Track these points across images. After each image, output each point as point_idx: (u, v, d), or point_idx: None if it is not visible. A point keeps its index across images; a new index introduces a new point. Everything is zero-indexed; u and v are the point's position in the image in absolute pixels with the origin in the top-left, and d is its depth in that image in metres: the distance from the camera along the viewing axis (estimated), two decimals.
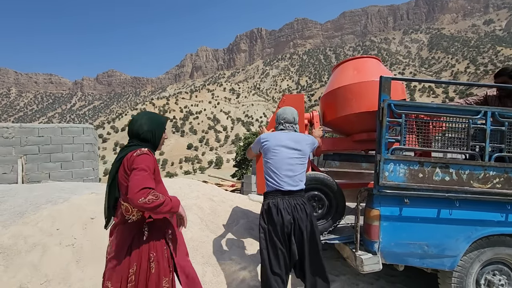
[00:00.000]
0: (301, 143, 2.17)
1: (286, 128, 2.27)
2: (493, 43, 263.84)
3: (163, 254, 1.50)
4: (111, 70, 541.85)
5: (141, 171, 1.39)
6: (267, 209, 2.04)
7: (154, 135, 1.60)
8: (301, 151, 2.15)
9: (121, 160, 1.49)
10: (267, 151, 2.15)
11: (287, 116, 2.29)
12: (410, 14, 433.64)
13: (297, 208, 2.00)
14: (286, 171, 2.06)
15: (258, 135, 2.44)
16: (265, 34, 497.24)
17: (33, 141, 6.13)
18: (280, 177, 2.04)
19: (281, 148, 2.11)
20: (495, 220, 2.32)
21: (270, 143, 2.15)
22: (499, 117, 2.30)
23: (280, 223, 1.97)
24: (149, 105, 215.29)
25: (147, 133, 1.57)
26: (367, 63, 3.09)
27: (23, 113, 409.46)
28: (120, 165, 1.48)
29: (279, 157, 2.09)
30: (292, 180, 2.05)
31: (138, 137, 1.57)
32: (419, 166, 2.30)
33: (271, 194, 2.07)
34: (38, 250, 2.54)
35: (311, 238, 2.02)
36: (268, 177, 2.11)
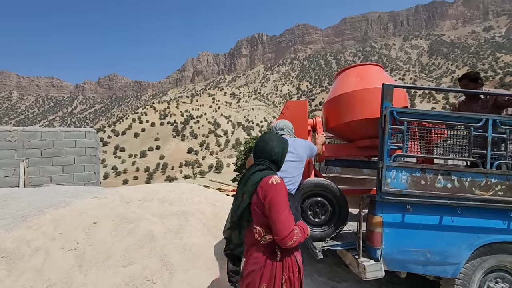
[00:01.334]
0: (298, 148, 2.24)
1: (287, 133, 2.36)
2: (493, 49, 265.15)
3: (295, 275, 1.53)
4: (113, 74, 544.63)
5: (284, 208, 1.43)
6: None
7: (282, 158, 1.63)
8: (297, 155, 2.21)
9: (257, 184, 1.49)
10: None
11: (288, 124, 2.41)
12: (410, 21, 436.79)
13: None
14: (280, 172, 2.10)
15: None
16: (266, 39, 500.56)
17: (36, 145, 6.15)
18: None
19: None
20: (497, 228, 2.32)
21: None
22: (500, 125, 2.32)
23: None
24: (150, 109, 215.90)
25: (278, 155, 1.60)
26: (370, 70, 3.12)
27: (24, 116, 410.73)
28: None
29: None
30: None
31: (270, 158, 1.59)
32: (421, 173, 2.31)
33: None
34: (41, 254, 2.54)
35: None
36: None
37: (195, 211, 3.57)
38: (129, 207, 3.41)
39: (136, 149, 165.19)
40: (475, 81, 3.02)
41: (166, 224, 3.17)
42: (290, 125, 2.45)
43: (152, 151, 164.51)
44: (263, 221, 1.47)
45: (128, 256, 2.68)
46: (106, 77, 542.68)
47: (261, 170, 1.53)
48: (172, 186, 4.49)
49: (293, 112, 3.07)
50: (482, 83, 3.04)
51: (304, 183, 2.70)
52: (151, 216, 3.23)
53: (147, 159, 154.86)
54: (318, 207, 2.72)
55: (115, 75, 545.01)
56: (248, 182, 1.52)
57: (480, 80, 3.03)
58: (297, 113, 3.05)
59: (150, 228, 3.01)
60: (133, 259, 2.66)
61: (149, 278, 2.51)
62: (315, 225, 2.72)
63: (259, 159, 1.60)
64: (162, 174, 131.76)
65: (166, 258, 2.70)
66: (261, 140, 1.63)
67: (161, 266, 2.64)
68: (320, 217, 2.72)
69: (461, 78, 3.13)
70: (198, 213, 3.57)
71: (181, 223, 3.24)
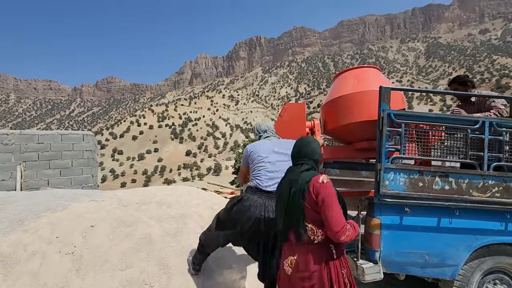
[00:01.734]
0: (287, 147, 2.26)
1: (268, 137, 2.39)
2: (489, 52, 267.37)
3: (350, 270, 1.68)
4: (111, 77, 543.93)
5: (336, 205, 1.57)
6: (239, 200, 2.20)
7: (321, 158, 1.81)
8: (287, 155, 2.22)
9: (308, 183, 1.60)
10: (253, 156, 2.27)
11: (270, 126, 2.45)
12: (407, 23, 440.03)
13: (268, 208, 2.10)
14: (270, 172, 2.18)
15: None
16: (264, 42, 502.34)
17: (33, 148, 6.12)
18: (263, 177, 2.17)
19: (266, 152, 2.24)
20: (495, 229, 2.33)
21: (256, 149, 2.29)
22: (497, 127, 2.34)
23: (245, 217, 2.12)
24: (148, 111, 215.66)
25: (319, 155, 1.75)
26: (368, 73, 3.14)
27: (21, 119, 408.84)
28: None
29: (266, 160, 2.21)
30: (273, 181, 2.16)
31: (312, 158, 1.72)
32: (419, 175, 2.32)
33: (250, 189, 2.21)
34: (37, 258, 2.52)
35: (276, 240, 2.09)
36: (253, 176, 2.24)
37: (193, 214, 3.55)
38: (126, 210, 3.39)
39: (134, 151, 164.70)
40: (464, 85, 3.03)
41: (164, 227, 3.15)
42: (272, 127, 2.48)
43: (150, 153, 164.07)
44: (315, 217, 1.58)
45: (125, 259, 2.66)
46: (104, 79, 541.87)
47: (307, 170, 1.67)
48: (170, 189, 4.47)
49: (291, 115, 3.08)
50: (472, 85, 3.04)
51: None
52: (148, 219, 3.21)
53: (145, 161, 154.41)
54: None
55: (113, 77, 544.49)
56: (297, 182, 1.63)
57: (470, 83, 3.03)
58: (295, 116, 3.06)
59: (148, 231, 2.99)
60: (130, 262, 2.64)
61: (146, 282, 2.49)
62: None
63: (302, 159, 1.72)
64: (160, 177, 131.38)
65: (164, 262, 2.69)
66: (303, 142, 1.77)
67: (159, 269, 2.62)
68: None
69: (450, 83, 3.16)
70: (196, 216, 3.56)
71: (179, 226, 3.23)
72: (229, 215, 2.25)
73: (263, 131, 2.44)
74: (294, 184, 1.64)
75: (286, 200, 1.66)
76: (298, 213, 1.61)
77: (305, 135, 1.84)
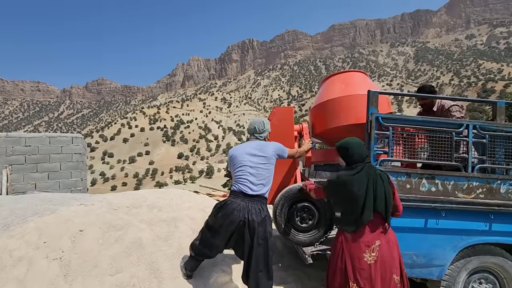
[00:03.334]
0: (265, 149, 2.33)
1: (250, 138, 2.47)
2: (475, 56, 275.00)
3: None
4: (101, 79, 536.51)
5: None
6: (223, 204, 2.26)
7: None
8: (266, 157, 2.30)
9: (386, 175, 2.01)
10: (234, 161, 2.33)
11: (250, 127, 2.50)
12: (397, 28, 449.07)
13: (252, 211, 2.15)
14: (251, 176, 2.23)
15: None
16: (256, 45, 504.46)
17: (20, 151, 5.98)
18: (244, 181, 2.22)
19: (245, 156, 2.29)
20: (480, 230, 2.40)
21: (235, 153, 2.36)
22: (480, 130, 2.42)
23: (228, 220, 2.18)
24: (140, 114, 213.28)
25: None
26: (354, 77, 3.20)
27: (8, 121, 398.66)
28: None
29: (245, 164, 2.27)
30: (254, 185, 2.22)
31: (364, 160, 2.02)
32: (407, 177, 2.38)
33: (234, 193, 2.26)
34: (24, 264, 2.46)
35: (262, 243, 2.15)
36: (235, 181, 2.29)
37: (184, 217, 3.53)
38: (116, 214, 3.35)
39: (125, 154, 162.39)
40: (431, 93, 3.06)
41: (155, 230, 3.13)
42: (262, 127, 2.47)
43: (141, 156, 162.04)
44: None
45: (115, 264, 2.62)
46: (94, 81, 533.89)
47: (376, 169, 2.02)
48: (161, 192, 4.43)
49: (280, 119, 3.11)
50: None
51: (289, 189, 2.72)
52: (139, 223, 3.18)
53: (136, 164, 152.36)
54: (304, 213, 2.74)
55: (104, 79, 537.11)
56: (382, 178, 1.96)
57: (435, 92, 3.09)
58: (284, 120, 3.09)
59: (139, 235, 2.96)
60: (120, 267, 2.60)
61: (137, 287, 2.47)
62: (303, 231, 2.73)
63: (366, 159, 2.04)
64: (152, 180, 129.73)
65: (154, 266, 2.66)
66: (359, 144, 2.06)
67: (150, 273, 2.60)
68: (307, 222, 2.73)
69: (419, 91, 3.16)
70: (188, 219, 3.54)
71: (170, 229, 3.20)
72: (216, 218, 2.29)
73: (248, 131, 2.51)
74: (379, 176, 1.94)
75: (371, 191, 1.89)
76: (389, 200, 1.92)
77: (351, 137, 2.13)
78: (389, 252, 1.87)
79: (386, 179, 1.97)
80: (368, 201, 1.88)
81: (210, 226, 2.37)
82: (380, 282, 1.81)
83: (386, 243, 1.88)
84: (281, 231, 2.73)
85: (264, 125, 2.48)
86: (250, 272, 2.15)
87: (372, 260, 1.82)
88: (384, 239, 1.88)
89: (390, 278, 1.83)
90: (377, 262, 1.83)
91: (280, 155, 2.42)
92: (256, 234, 2.14)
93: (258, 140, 2.44)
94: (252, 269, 2.14)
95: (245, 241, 2.16)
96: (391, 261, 1.86)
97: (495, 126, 2.46)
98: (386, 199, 1.90)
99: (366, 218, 1.86)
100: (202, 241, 2.43)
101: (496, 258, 2.43)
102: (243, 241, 2.20)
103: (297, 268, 3.25)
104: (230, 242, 2.33)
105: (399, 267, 1.90)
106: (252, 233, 2.14)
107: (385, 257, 1.84)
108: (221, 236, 2.29)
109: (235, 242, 2.32)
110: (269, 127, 2.53)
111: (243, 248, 2.21)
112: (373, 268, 1.82)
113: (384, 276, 1.82)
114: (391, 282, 1.83)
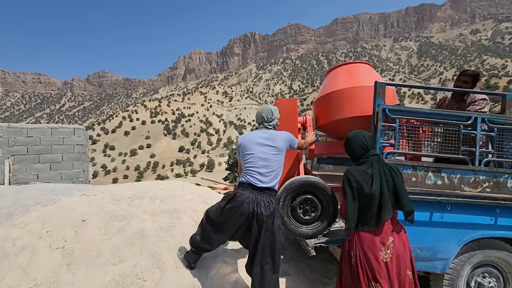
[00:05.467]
0: (275, 139, 2.26)
1: (259, 127, 2.40)
2: (479, 52, 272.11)
3: None
4: (102, 71, 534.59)
5: None
6: (233, 196, 2.20)
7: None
8: (276, 147, 2.24)
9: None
10: (244, 150, 2.27)
11: (258, 117, 2.43)
12: (400, 22, 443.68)
13: (261, 204, 2.11)
14: (261, 168, 2.17)
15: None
16: (258, 38, 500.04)
17: (22, 142, 5.97)
18: (254, 173, 2.16)
19: (254, 146, 2.23)
20: (485, 224, 2.38)
21: (245, 142, 2.30)
22: (489, 123, 2.38)
23: (238, 212, 2.14)
24: (141, 107, 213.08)
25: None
26: (359, 69, 3.14)
27: (9, 113, 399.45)
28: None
29: (254, 155, 2.20)
30: (264, 177, 2.16)
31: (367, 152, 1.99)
32: (412, 170, 2.34)
33: (242, 185, 2.21)
34: (27, 253, 2.47)
35: (269, 235, 2.11)
36: (244, 172, 2.24)
37: (187, 209, 3.52)
38: (119, 204, 3.35)
39: (127, 147, 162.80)
40: (474, 82, 2.93)
41: (157, 221, 3.12)
42: (271, 115, 2.40)
43: (142, 149, 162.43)
44: None
45: (118, 254, 2.62)
46: (96, 74, 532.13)
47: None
48: (164, 184, 4.43)
49: (283, 110, 3.07)
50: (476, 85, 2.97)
51: (292, 182, 2.69)
52: (141, 214, 3.18)
53: (138, 157, 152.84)
54: (307, 205, 2.72)
55: (105, 72, 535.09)
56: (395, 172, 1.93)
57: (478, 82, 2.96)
58: (287, 111, 3.05)
59: (141, 226, 2.95)
60: (123, 257, 2.61)
61: (139, 276, 2.47)
62: (306, 223, 2.72)
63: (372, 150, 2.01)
64: (153, 173, 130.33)
65: (157, 256, 2.66)
66: (359, 135, 2.03)
67: (152, 264, 2.60)
68: (310, 214, 2.72)
69: (464, 74, 2.96)
70: (190, 210, 3.53)
71: (173, 220, 3.20)
72: (222, 212, 2.23)
73: (257, 121, 2.44)
74: (392, 170, 1.90)
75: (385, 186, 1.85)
76: (405, 193, 1.90)
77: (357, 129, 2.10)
78: (402, 247, 1.85)
79: (398, 173, 1.93)
80: (385, 198, 1.82)
81: (213, 220, 2.32)
82: (397, 279, 1.78)
83: (399, 238, 1.86)
84: (284, 223, 2.72)
85: (273, 113, 2.39)
86: (255, 263, 2.13)
87: (388, 258, 1.80)
88: (396, 235, 1.86)
89: (405, 274, 1.80)
90: (393, 259, 1.80)
91: (291, 145, 2.36)
92: (264, 227, 2.10)
93: (267, 129, 2.36)
94: (257, 260, 2.12)
95: (252, 232, 2.14)
96: (405, 257, 1.84)
97: (503, 119, 2.42)
98: (401, 194, 1.87)
99: (386, 216, 1.82)
100: (203, 236, 2.40)
101: (500, 253, 2.41)
102: (250, 232, 2.17)
103: (300, 260, 3.25)
104: (236, 234, 2.31)
105: (410, 262, 1.88)
106: (260, 226, 2.10)
107: (399, 253, 1.82)
108: (226, 230, 2.26)
109: (242, 234, 2.29)
110: (278, 113, 2.44)
111: (249, 238, 2.18)
112: (390, 266, 1.78)
113: (399, 273, 1.79)
114: (406, 278, 1.80)
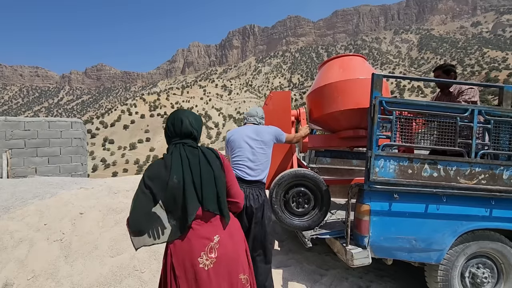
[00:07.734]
0: (262, 134, 2.31)
1: (248, 122, 2.46)
2: (480, 45, 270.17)
3: None
4: (100, 64, 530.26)
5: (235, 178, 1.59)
6: None
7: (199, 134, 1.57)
8: (263, 141, 2.29)
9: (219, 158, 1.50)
10: (233, 145, 2.31)
11: (248, 112, 2.50)
12: (401, 14, 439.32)
13: (249, 197, 2.14)
14: (249, 161, 2.22)
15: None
16: (257, 31, 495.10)
17: (19, 135, 5.95)
18: (242, 167, 2.20)
19: (243, 140, 2.27)
20: (480, 215, 2.39)
21: (233, 137, 2.33)
22: (486, 115, 2.37)
23: None
24: (140, 100, 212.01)
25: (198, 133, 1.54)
26: (352, 61, 3.12)
27: (7, 106, 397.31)
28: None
29: (242, 149, 2.25)
30: (253, 171, 2.20)
31: (190, 136, 1.48)
32: (409, 162, 2.35)
33: None
34: (24, 245, 2.48)
35: (259, 228, 2.15)
36: (233, 166, 2.26)
37: None
38: (116, 197, 3.36)
39: (126, 141, 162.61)
40: (447, 73, 3.00)
41: None
42: (255, 113, 2.48)
43: (142, 143, 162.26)
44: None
45: (115, 246, 2.64)
46: (94, 67, 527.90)
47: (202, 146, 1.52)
48: None
49: (277, 103, 3.06)
50: (455, 76, 3.00)
51: (282, 176, 2.71)
52: None
53: (137, 151, 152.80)
54: (300, 197, 2.74)
55: (103, 65, 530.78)
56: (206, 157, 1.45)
57: (453, 73, 2.99)
58: (281, 104, 3.05)
59: None
60: (121, 249, 2.63)
61: (137, 268, 2.49)
62: (300, 215, 2.74)
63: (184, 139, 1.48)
64: None
65: (154, 248, 2.68)
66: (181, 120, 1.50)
67: (150, 256, 2.62)
68: (304, 206, 2.74)
69: (435, 69, 3.12)
70: None
71: None
72: None
73: (246, 116, 2.51)
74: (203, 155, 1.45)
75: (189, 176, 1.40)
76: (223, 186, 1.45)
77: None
78: (233, 248, 1.45)
79: (214, 158, 1.47)
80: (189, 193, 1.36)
81: None
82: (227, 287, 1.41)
83: (229, 237, 1.45)
84: (279, 218, 2.74)
85: (260, 112, 2.51)
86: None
87: (210, 264, 1.36)
88: (225, 233, 1.44)
89: (237, 278, 1.44)
90: (219, 264, 1.38)
91: (278, 139, 2.40)
92: (253, 219, 2.13)
93: (255, 125, 2.42)
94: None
95: (243, 225, 2.15)
96: (236, 259, 1.45)
97: (500, 111, 2.41)
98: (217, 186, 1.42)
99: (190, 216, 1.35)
100: None
101: (494, 244, 2.43)
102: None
103: (297, 252, 3.28)
104: None
105: (246, 263, 1.53)
106: (250, 219, 2.14)
107: (229, 255, 1.41)
108: None
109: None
110: (264, 116, 2.55)
111: None
112: (213, 273, 1.36)
113: (230, 279, 1.41)
114: (238, 284, 1.44)
